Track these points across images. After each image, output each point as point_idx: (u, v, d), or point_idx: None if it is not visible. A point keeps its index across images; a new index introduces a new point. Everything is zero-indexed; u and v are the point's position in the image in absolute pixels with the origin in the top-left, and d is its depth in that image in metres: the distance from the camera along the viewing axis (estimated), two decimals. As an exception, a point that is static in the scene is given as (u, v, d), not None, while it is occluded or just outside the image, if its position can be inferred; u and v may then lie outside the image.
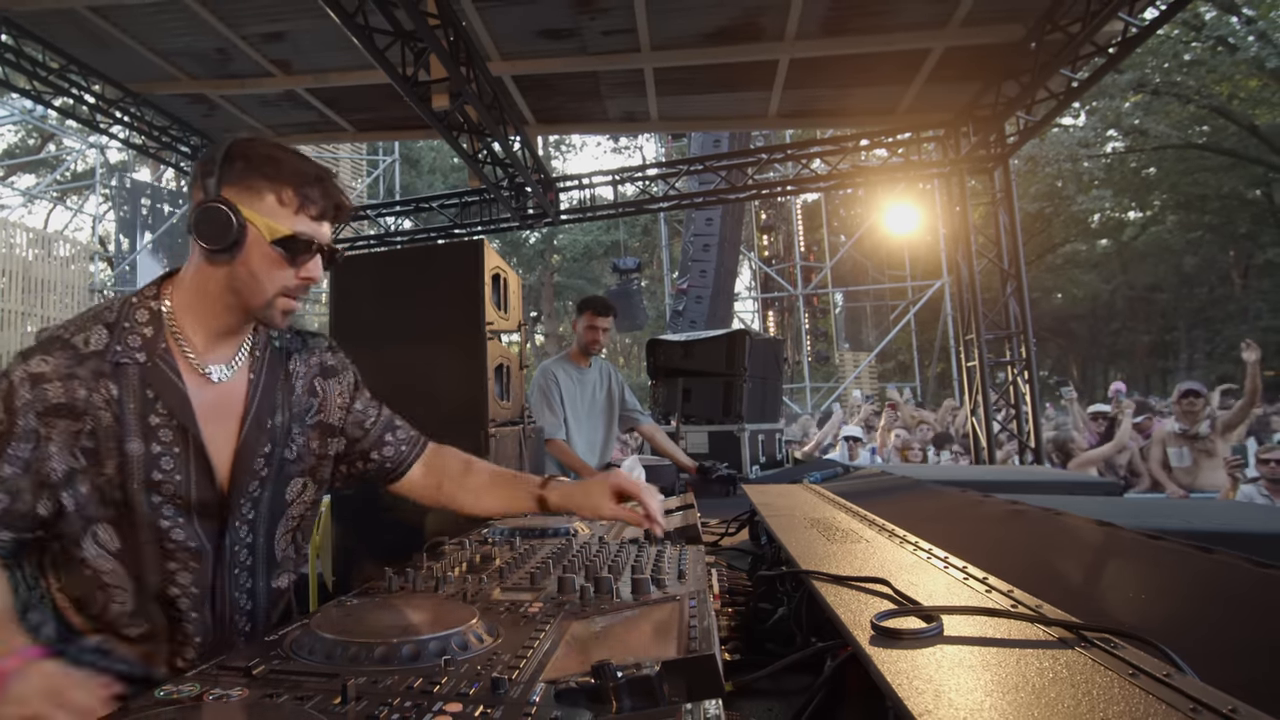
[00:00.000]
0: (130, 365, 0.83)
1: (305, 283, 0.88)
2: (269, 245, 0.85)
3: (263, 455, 0.92)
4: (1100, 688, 0.43)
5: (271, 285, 0.86)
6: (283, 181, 0.85)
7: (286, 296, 0.88)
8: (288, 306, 0.89)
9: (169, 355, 0.86)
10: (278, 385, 0.96)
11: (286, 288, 0.87)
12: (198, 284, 0.88)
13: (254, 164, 0.85)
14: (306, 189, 0.86)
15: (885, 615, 0.58)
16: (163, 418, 0.84)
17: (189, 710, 0.49)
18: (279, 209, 0.85)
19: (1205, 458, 3.95)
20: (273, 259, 0.85)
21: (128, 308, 0.87)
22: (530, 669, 0.54)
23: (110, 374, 0.82)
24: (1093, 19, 3.68)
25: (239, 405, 0.91)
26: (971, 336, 5.33)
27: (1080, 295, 17.99)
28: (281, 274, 0.86)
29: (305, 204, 0.86)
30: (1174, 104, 14.30)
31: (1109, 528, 0.86)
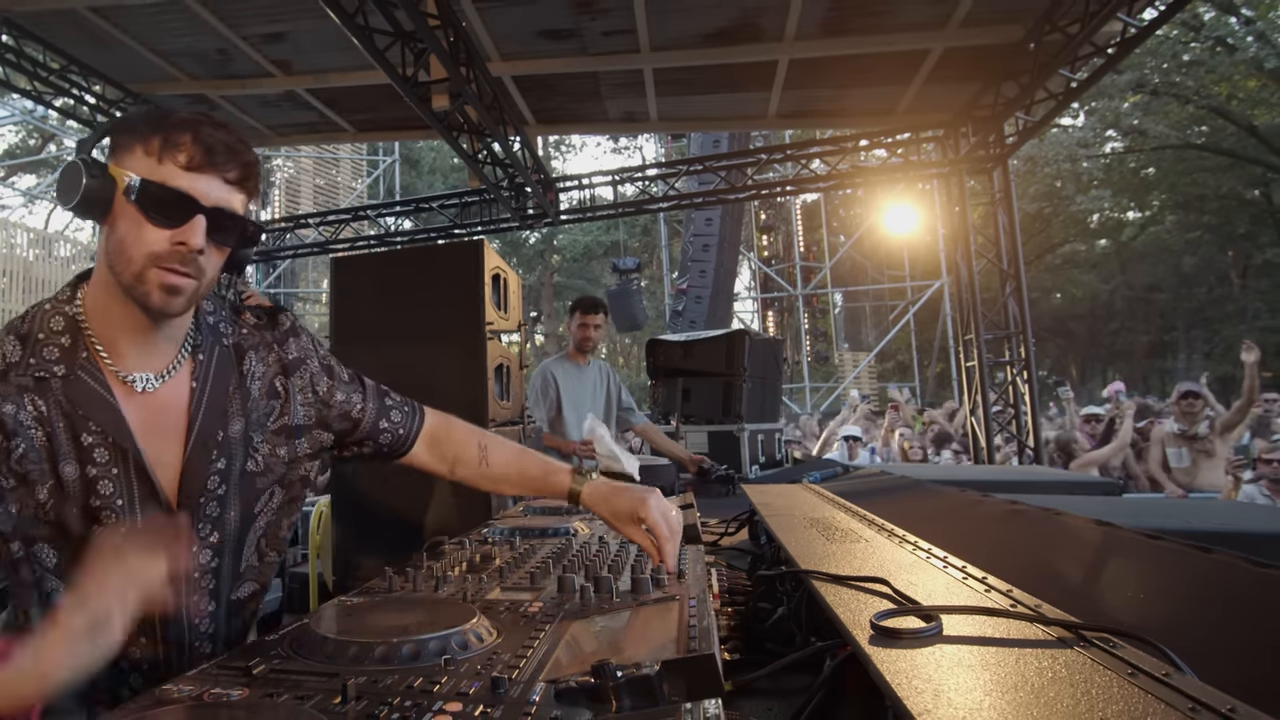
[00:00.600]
0: (50, 380, 0.73)
1: (179, 250, 0.72)
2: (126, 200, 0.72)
3: (217, 473, 0.82)
4: (1099, 687, 0.43)
5: (138, 250, 0.72)
6: (150, 128, 0.73)
7: (161, 268, 0.72)
8: (165, 281, 0.72)
9: (91, 364, 0.75)
10: (229, 391, 0.84)
11: (157, 254, 0.72)
12: (99, 276, 0.76)
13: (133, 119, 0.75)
14: (174, 133, 0.72)
15: (884, 615, 0.58)
16: (96, 436, 0.74)
17: (189, 710, 0.49)
18: (143, 159, 0.72)
19: (1204, 458, 3.95)
20: (135, 218, 0.72)
21: (40, 316, 0.76)
22: (530, 668, 0.54)
23: (34, 388, 0.72)
24: (1091, 19, 3.68)
25: (180, 419, 0.80)
26: (971, 336, 5.34)
27: (1079, 295, 18.00)
28: (148, 235, 0.72)
29: (169, 149, 0.72)
30: (1173, 104, 14.32)
31: (1108, 527, 0.86)
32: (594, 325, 3.05)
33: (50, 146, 14.69)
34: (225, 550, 0.85)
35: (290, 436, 0.90)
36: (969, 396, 5.39)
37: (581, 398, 3.03)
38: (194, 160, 0.73)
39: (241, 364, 0.86)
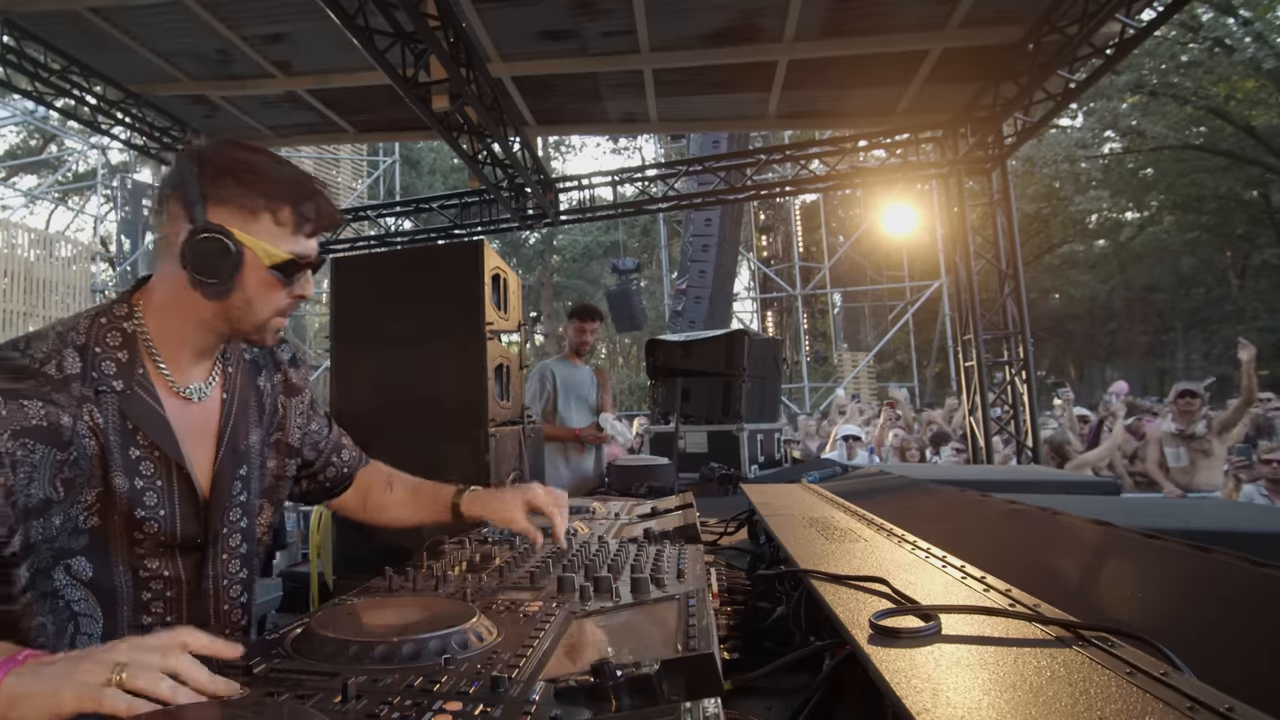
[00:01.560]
0: (109, 394, 0.77)
1: (299, 300, 0.84)
2: (266, 270, 0.79)
3: (240, 479, 0.88)
4: (1098, 686, 0.43)
5: (266, 309, 0.82)
6: (279, 200, 0.79)
7: (280, 316, 0.84)
8: (280, 325, 0.86)
9: (146, 380, 0.80)
10: (250, 403, 0.91)
11: (281, 309, 0.83)
12: (180, 306, 0.81)
13: (242, 180, 0.78)
14: (303, 207, 0.80)
15: (883, 614, 0.58)
16: (144, 449, 0.78)
17: (190, 709, 0.49)
18: (275, 229, 0.79)
19: (1202, 458, 3.95)
20: (269, 283, 0.80)
21: (97, 329, 0.79)
22: (530, 668, 0.54)
23: (93, 399, 0.75)
24: (1090, 20, 3.69)
25: (214, 425, 0.86)
26: (969, 337, 5.34)
27: (1078, 295, 18.03)
28: (277, 296, 0.82)
29: (302, 223, 0.80)
30: (1171, 105, 14.35)
31: (1106, 527, 0.86)
32: (590, 331, 3.37)
33: (51, 147, 14.69)
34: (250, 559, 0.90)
35: (283, 454, 0.96)
36: (967, 397, 5.39)
37: (577, 394, 3.29)
38: (319, 230, 0.83)
39: (257, 379, 0.94)
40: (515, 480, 2.23)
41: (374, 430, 2.02)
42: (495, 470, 2.01)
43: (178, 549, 0.82)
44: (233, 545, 0.87)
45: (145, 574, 0.80)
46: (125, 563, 0.79)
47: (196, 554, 0.84)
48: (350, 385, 2.10)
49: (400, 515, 1.10)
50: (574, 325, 3.37)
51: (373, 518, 1.11)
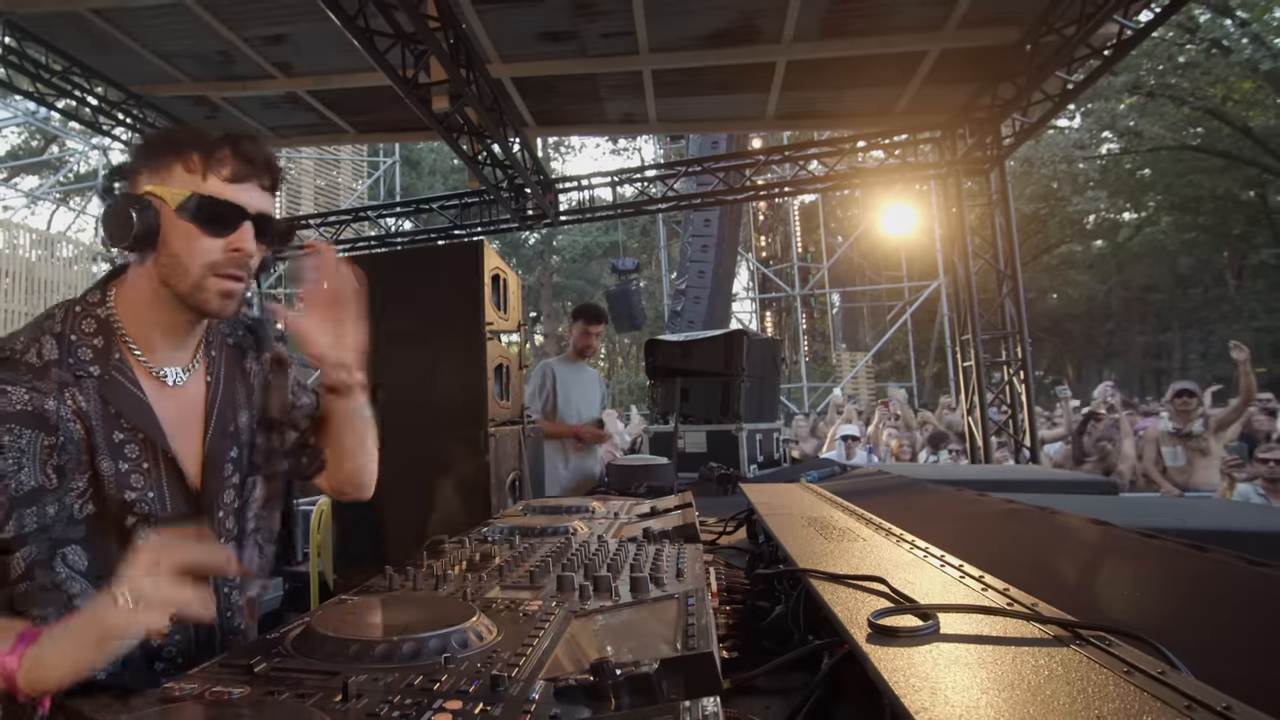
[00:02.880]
0: (87, 379, 0.76)
1: (236, 256, 0.78)
2: (179, 217, 0.76)
3: (230, 460, 0.86)
4: (1095, 685, 0.43)
5: (195, 262, 0.77)
6: (187, 148, 0.78)
7: (219, 276, 0.78)
8: (223, 288, 0.79)
9: (124, 364, 0.79)
10: (237, 384, 0.90)
11: (214, 263, 0.78)
12: (138, 283, 0.81)
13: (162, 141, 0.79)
14: (215, 151, 0.78)
15: (882, 613, 0.59)
16: (127, 433, 0.78)
17: (191, 708, 0.49)
18: (186, 177, 0.77)
19: (1199, 457, 3.95)
20: (188, 232, 0.77)
21: (72, 318, 0.79)
22: (530, 667, 0.54)
23: (73, 383, 0.75)
24: (1088, 21, 3.69)
25: (199, 410, 0.85)
26: (968, 337, 5.35)
27: (1076, 296, 18.05)
28: (203, 246, 0.77)
29: (212, 165, 0.78)
30: (1169, 106, 14.37)
31: (1104, 526, 0.87)
32: (596, 334, 3.36)
33: (53, 148, 14.67)
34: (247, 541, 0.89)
35: (271, 430, 0.94)
36: (966, 396, 5.40)
37: (578, 393, 3.26)
38: (237, 172, 0.78)
39: (243, 361, 0.92)
40: (515, 480, 2.23)
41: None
42: (495, 470, 2.01)
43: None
44: (228, 528, 0.86)
45: None
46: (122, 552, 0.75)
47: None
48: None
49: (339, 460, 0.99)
50: (580, 327, 3.33)
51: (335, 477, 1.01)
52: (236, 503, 0.87)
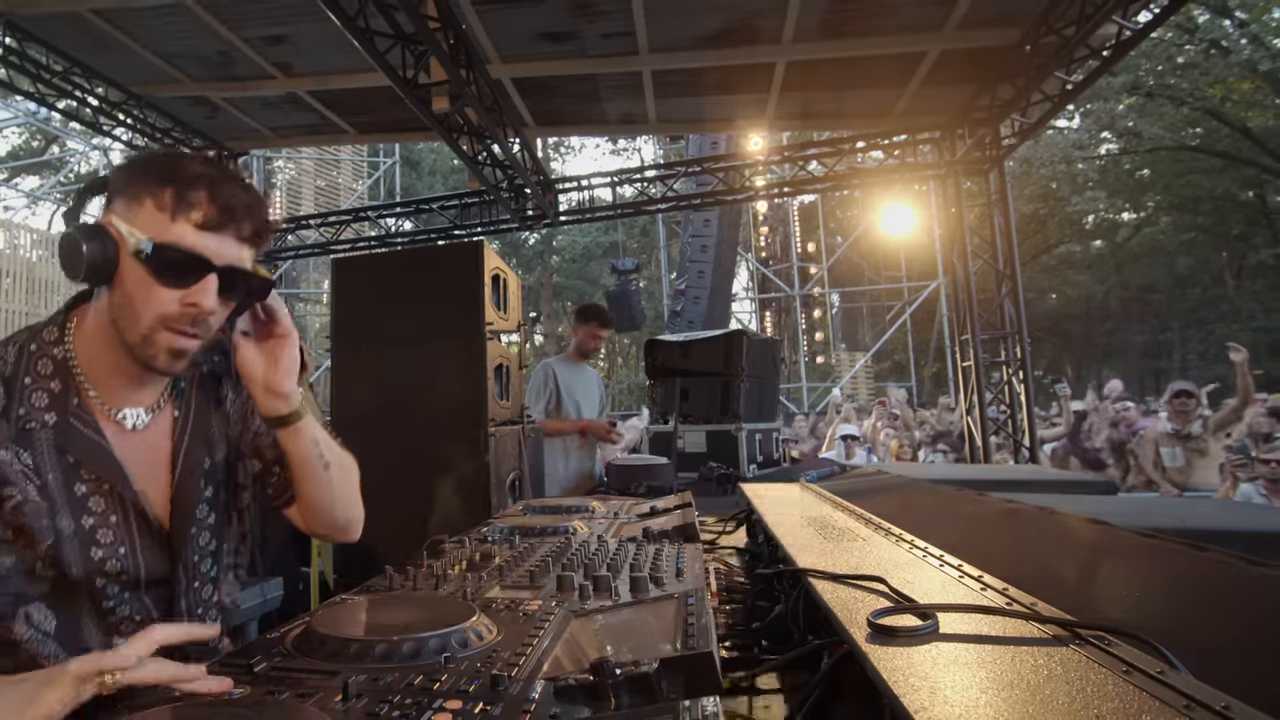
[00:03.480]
0: (39, 429, 0.69)
1: (190, 311, 0.69)
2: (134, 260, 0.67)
3: (206, 501, 0.79)
4: (1094, 685, 0.43)
5: (146, 311, 0.68)
6: (161, 182, 0.68)
7: (170, 330, 0.69)
8: (174, 345, 0.70)
9: (82, 410, 0.72)
10: (210, 418, 0.82)
11: (166, 315, 0.69)
12: (96, 319, 0.73)
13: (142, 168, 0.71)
14: (187, 189, 0.68)
15: (881, 613, 0.59)
16: (90, 484, 0.71)
17: (192, 708, 0.49)
18: (154, 215, 0.68)
19: (1198, 457, 3.96)
20: (143, 278, 0.68)
21: (26, 358, 0.71)
22: (530, 666, 0.54)
23: (16, 439, 0.68)
24: (1087, 22, 3.70)
25: (166, 450, 0.77)
26: (967, 337, 5.35)
27: (1075, 296, 18.07)
28: (157, 296, 0.68)
29: (184, 208, 0.68)
30: (1168, 106, 14.39)
31: (1103, 526, 0.87)
32: (604, 337, 3.38)
33: (53, 148, 14.67)
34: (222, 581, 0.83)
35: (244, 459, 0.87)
36: (965, 396, 5.40)
37: (580, 393, 3.26)
38: (209, 220, 0.69)
39: (218, 389, 0.84)
40: (514, 480, 2.23)
41: (374, 430, 2.02)
42: (495, 470, 2.01)
43: (144, 587, 0.74)
44: (203, 571, 0.79)
45: (114, 618, 0.73)
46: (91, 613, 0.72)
47: (165, 588, 0.76)
48: (350, 385, 2.10)
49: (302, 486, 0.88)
50: (588, 329, 3.28)
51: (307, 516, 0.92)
52: (212, 544, 0.80)
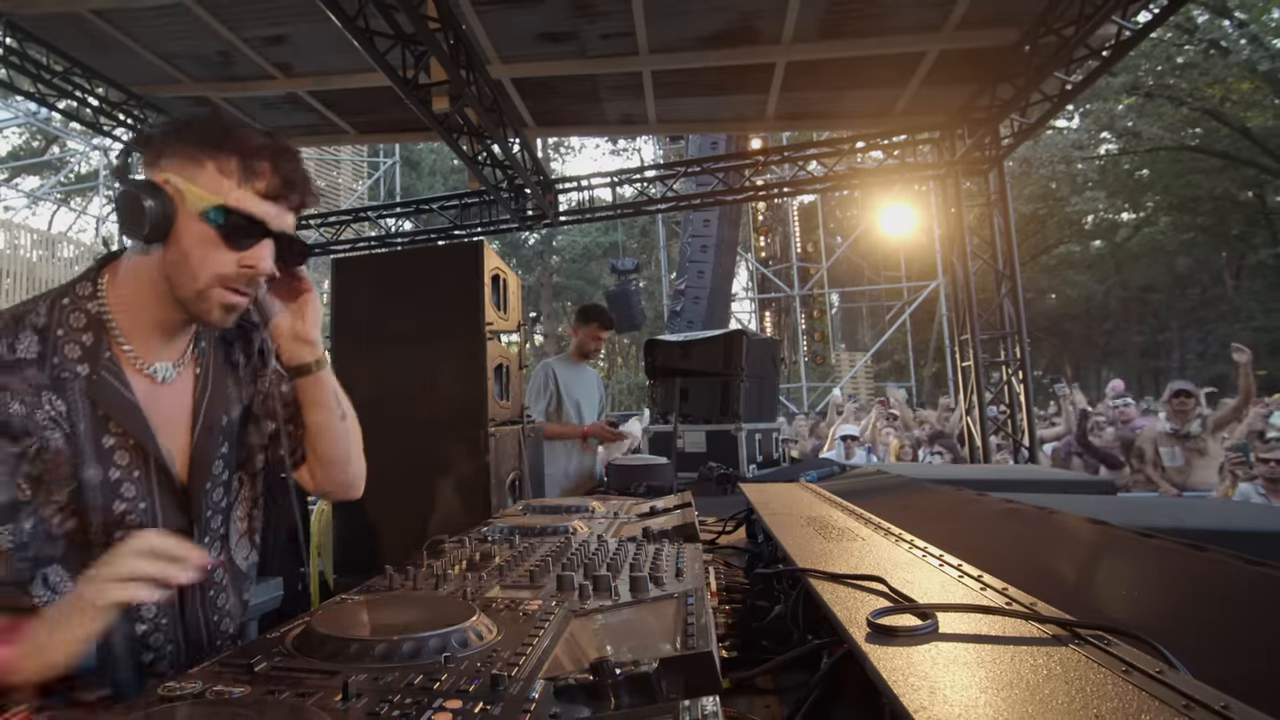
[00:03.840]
0: (71, 379, 0.71)
1: (248, 273, 0.74)
2: (200, 219, 0.71)
3: (221, 457, 0.82)
4: (1094, 684, 0.43)
5: (205, 270, 0.72)
6: (227, 149, 0.72)
7: (225, 288, 0.74)
8: (227, 301, 0.74)
9: (114, 363, 0.74)
10: (226, 379, 0.86)
11: (224, 275, 0.73)
12: (134, 274, 0.76)
13: (200, 131, 0.73)
14: (253, 159, 0.72)
15: (881, 613, 0.59)
16: (118, 438, 0.73)
17: (192, 707, 0.49)
18: (219, 179, 0.72)
19: (1197, 457, 3.96)
20: (206, 237, 0.71)
21: (59, 311, 0.74)
22: (530, 666, 0.54)
23: (51, 386, 0.70)
24: (1086, 22, 3.70)
25: (188, 406, 0.80)
26: (966, 337, 5.36)
27: (1074, 296, 18.09)
28: (217, 257, 0.72)
29: (250, 176, 0.72)
30: (1167, 106, 14.41)
31: (1102, 526, 0.87)
32: (605, 338, 3.37)
33: (54, 148, 14.67)
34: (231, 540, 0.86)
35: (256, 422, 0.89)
36: (965, 396, 5.41)
37: (580, 393, 3.26)
38: (271, 189, 0.74)
39: (231, 352, 0.88)
40: (514, 480, 2.23)
41: (374, 430, 2.02)
42: (495, 470, 2.01)
43: None
44: (214, 527, 0.82)
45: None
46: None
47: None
48: (350, 385, 2.09)
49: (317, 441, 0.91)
50: (589, 330, 3.27)
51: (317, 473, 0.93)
52: (224, 501, 0.83)
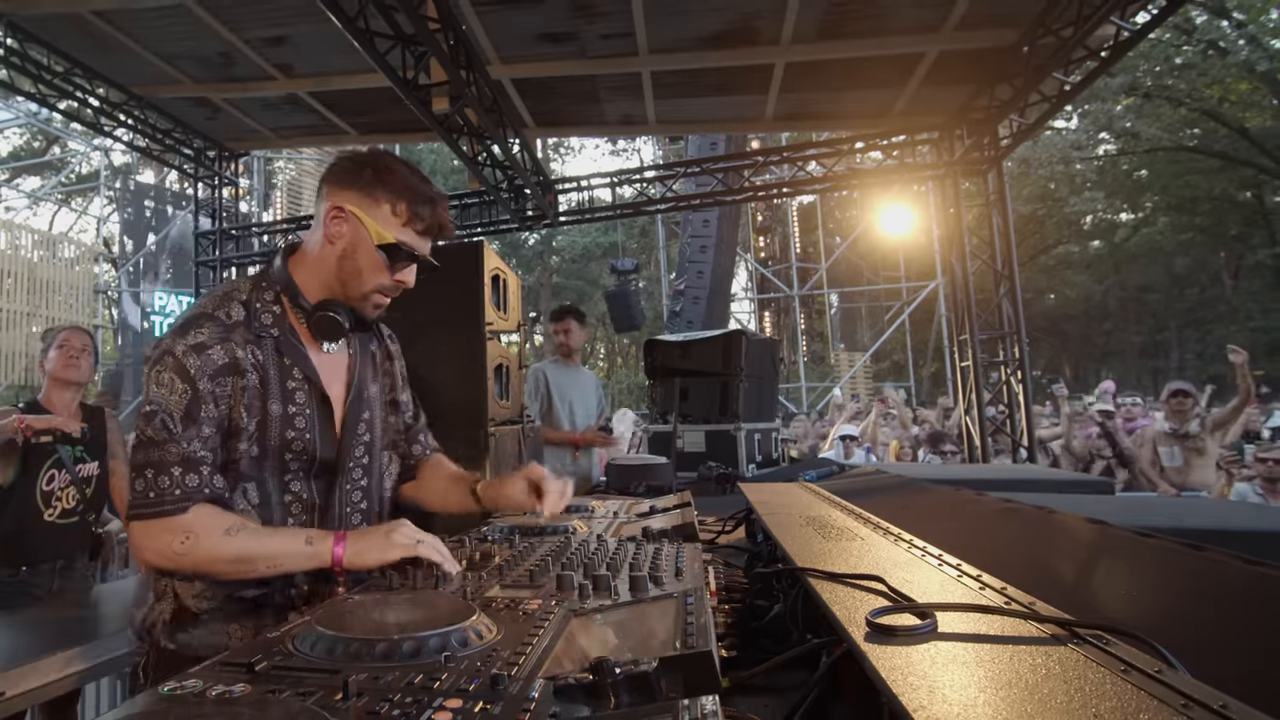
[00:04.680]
0: (266, 337, 0.96)
1: (399, 285, 1.01)
2: (375, 248, 0.97)
3: (364, 421, 1.05)
4: (1092, 684, 0.43)
5: (370, 282, 0.99)
6: (401, 196, 0.97)
7: (380, 294, 1.01)
8: (380, 302, 1.03)
9: (294, 331, 0.99)
10: (369, 360, 1.10)
11: (382, 287, 1.00)
12: (316, 268, 1.00)
13: (381, 176, 0.97)
14: (419, 206, 0.98)
15: (880, 612, 0.59)
16: (297, 382, 0.97)
17: (193, 706, 0.49)
18: (390, 219, 0.97)
19: (1195, 456, 3.97)
20: (376, 261, 0.98)
21: (257, 290, 0.99)
22: (529, 665, 0.54)
23: (254, 341, 0.95)
24: (1085, 23, 3.71)
25: (344, 374, 1.04)
26: (965, 337, 5.36)
27: (1073, 296, 18.11)
28: (381, 275, 0.99)
29: (415, 219, 0.98)
30: (1165, 107, 14.43)
31: (1101, 525, 0.87)
32: (564, 330, 3.32)
33: (54, 149, 14.65)
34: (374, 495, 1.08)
35: (395, 409, 1.16)
36: (964, 396, 5.41)
37: (573, 394, 3.25)
38: (429, 230, 1.00)
39: (369, 345, 1.12)
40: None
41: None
42: (495, 470, 2.01)
43: (314, 472, 0.99)
44: (355, 477, 1.04)
45: (289, 497, 0.98)
46: (277, 488, 0.97)
47: (328, 477, 1.01)
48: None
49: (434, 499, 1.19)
50: (553, 327, 3.42)
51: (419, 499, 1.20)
52: (366, 458, 1.06)
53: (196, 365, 0.89)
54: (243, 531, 0.88)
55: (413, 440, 1.20)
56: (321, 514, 1.00)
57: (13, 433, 1.94)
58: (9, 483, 2.04)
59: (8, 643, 1.38)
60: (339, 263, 0.98)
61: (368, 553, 0.87)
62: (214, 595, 0.93)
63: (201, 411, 0.89)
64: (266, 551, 0.87)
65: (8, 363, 7.68)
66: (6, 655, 1.25)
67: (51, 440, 2.05)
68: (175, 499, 0.86)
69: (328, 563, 0.87)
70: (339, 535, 0.89)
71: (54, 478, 2.12)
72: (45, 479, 2.10)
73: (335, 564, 0.87)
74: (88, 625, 1.52)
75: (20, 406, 2.11)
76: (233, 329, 0.93)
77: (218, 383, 0.90)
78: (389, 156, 1.00)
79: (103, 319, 10.35)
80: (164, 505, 0.86)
